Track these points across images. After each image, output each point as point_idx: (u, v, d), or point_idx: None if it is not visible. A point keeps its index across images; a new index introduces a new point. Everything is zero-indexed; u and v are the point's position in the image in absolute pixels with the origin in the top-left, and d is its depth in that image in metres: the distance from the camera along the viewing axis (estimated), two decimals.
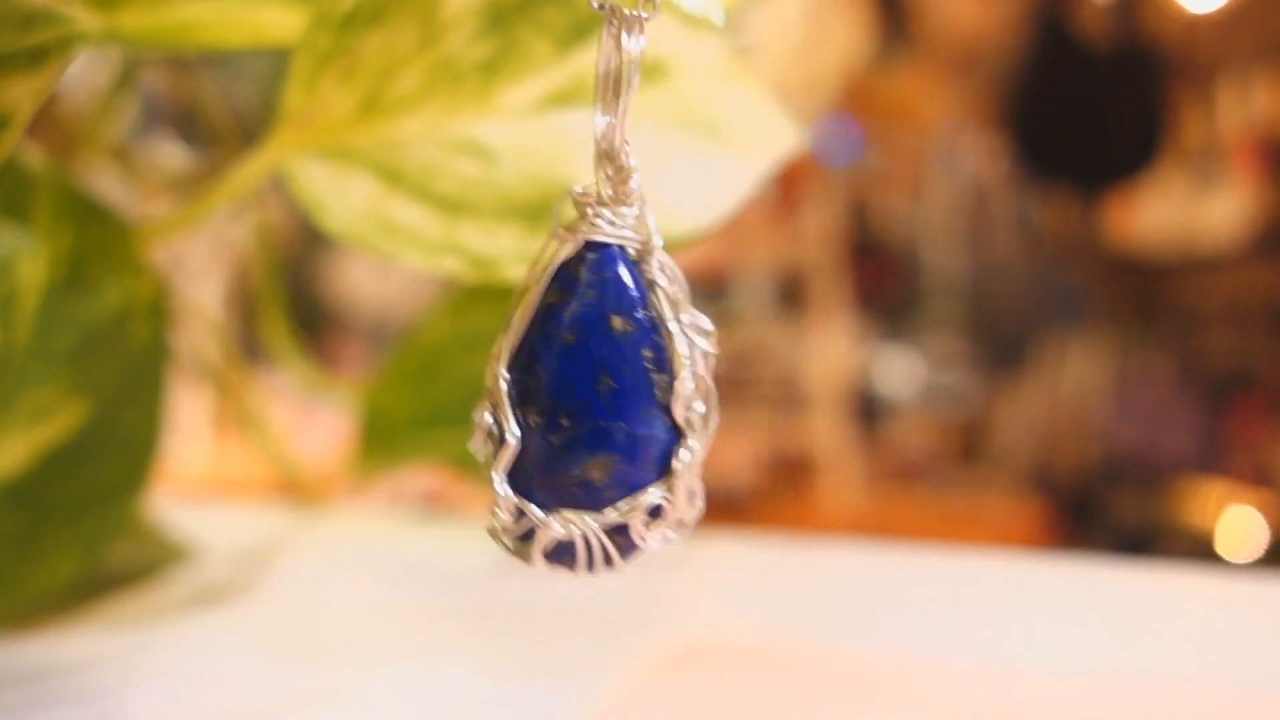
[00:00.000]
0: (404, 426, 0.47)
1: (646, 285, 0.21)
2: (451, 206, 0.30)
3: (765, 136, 0.31)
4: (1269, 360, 2.15)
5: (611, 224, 0.21)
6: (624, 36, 0.21)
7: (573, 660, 0.34)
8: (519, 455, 0.21)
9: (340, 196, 0.30)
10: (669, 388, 0.21)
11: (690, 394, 0.21)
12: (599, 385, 0.20)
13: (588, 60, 0.30)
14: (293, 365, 0.53)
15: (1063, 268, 2.53)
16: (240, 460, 1.19)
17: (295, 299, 0.58)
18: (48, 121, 0.46)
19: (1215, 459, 2.09)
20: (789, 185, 2.24)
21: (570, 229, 0.21)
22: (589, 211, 0.21)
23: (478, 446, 0.21)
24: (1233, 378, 2.20)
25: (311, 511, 0.55)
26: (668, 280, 0.22)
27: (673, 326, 0.21)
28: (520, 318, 0.21)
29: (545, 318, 0.21)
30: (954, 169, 2.61)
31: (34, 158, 0.31)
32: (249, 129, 0.51)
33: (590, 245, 0.21)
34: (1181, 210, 2.20)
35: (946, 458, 2.44)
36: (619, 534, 0.21)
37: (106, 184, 0.50)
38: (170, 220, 0.38)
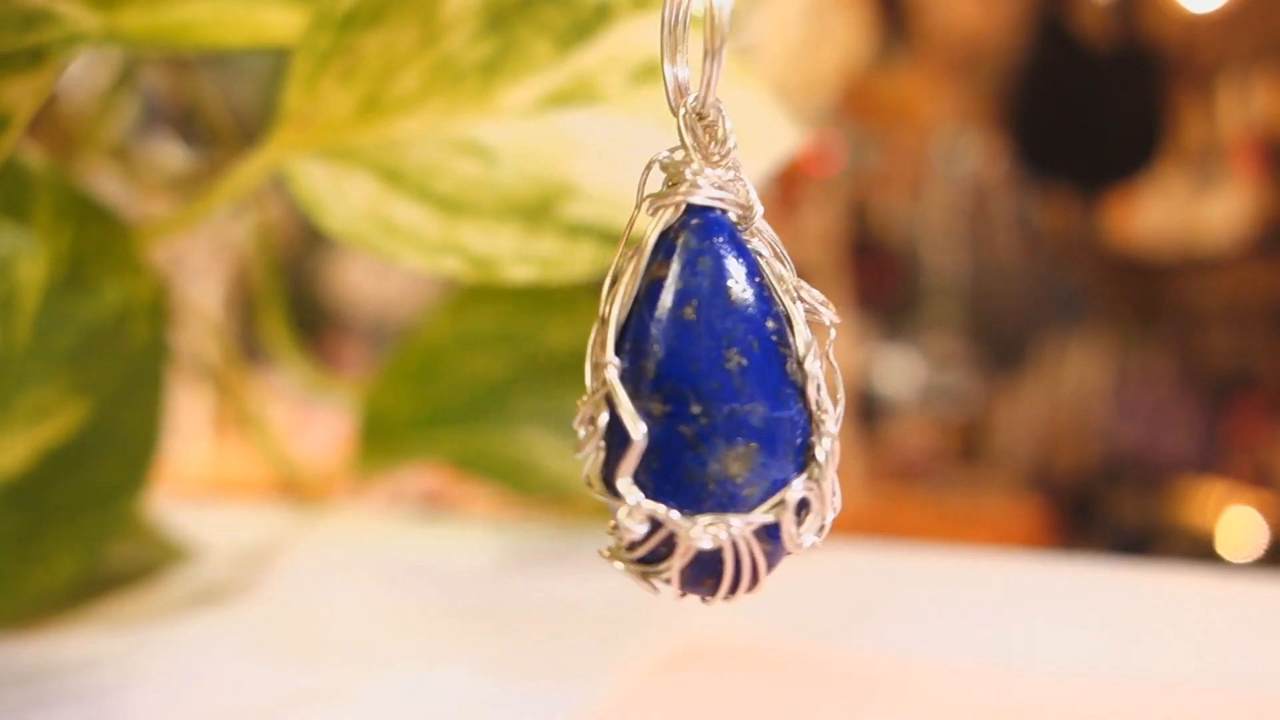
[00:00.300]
0: (404, 426, 0.47)
1: (750, 251, 0.19)
2: (451, 206, 0.30)
3: (765, 136, 0.31)
4: (1269, 360, 2.15)
5: (715, 186, 0.19)
6: None
7: (573, 660, 0.34)
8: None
9: (340, 196, 0.30)
10: (798, 365, 0.18)
11: (820, 372, 0.18)
12: (728, 363, 0.18)
13: (588, 60, 0.30)
14: (293, 365, 0.53)
15: (1063, 268, 2.53)
16: (240, 460, 1.19)
17: (295, 299, 0.58)
18: (48, 121, 0.46)
19: (1215, 459, 2.09)
20: (789, 185, 2.24)
21: (664, 196, 0.19)
22: (687, 174, 0.19)
23: (585, 453, 0.18)
24: (1233, 378, 2.20)
25: (311, 511, 0.55)
26: (770, 250, 0.19)
27: (788, 297, 0.19)
28: (624, 299, 0.18)
29: (654, 293, 0.18)
30: (954, 169, 2.61)
31: (34, 157, 0.31)
32: (249, 129, 0.51)
33: (691, 210, 0.19)
34: (1181, 210, 2.20)
35: (946, 458, 2.44)
36: (766, 538, 0.18)
37: (106, 184, 0.50)
38: (170, 220, 0.38)
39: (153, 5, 0.32)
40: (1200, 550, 1.78)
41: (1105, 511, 2.12)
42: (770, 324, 0.18)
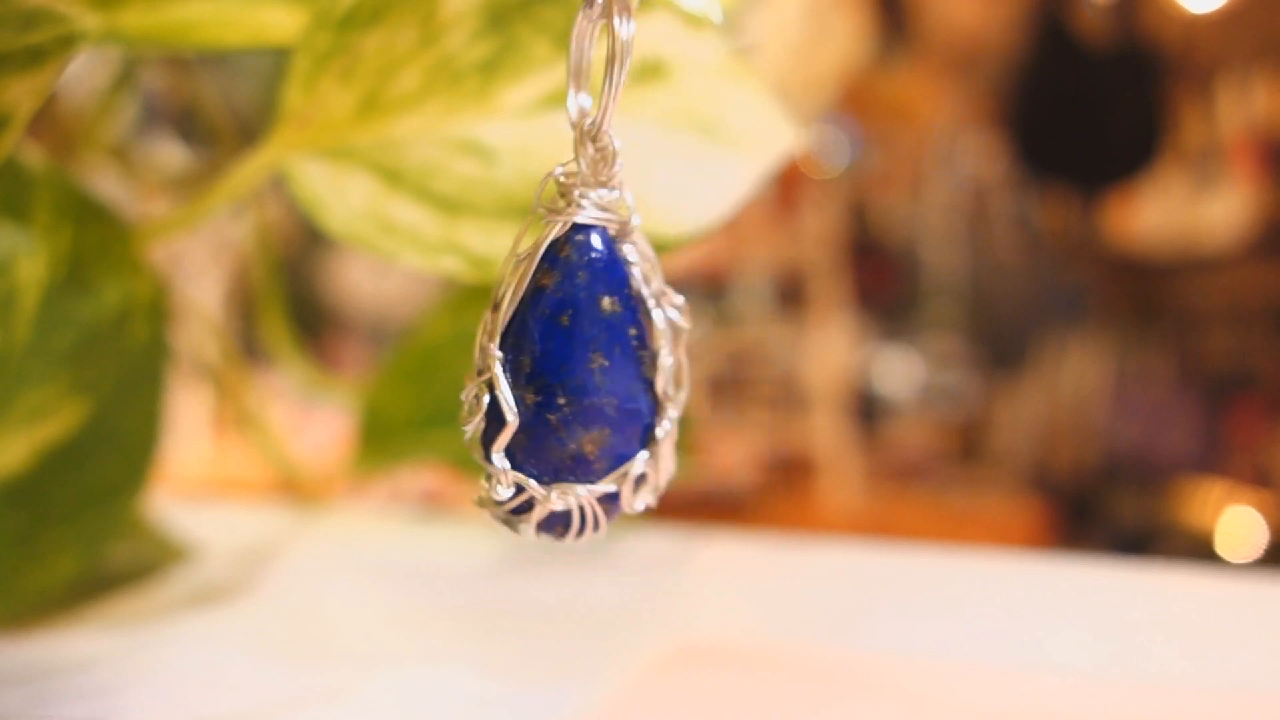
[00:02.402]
0: (403, 426, 0.47)
1: (625, 264, 0.22)
2: (451, 206, 0.30)
3: (765, 136, 0.31)
4: (1269, 360, 2.15)
5: (598, 206, 0.22)
6: (616, 20, 0.21)
7: (573, 660, 0.34)
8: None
9: (339, 196, 0.30)
10: (652, 363, 0.22)
11: (670, 368, 0.22)
12: (592, 364, 0.21)
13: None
14: (292, 365, 0.53)
15: (1062, 268, 2.53)
16: (240, 460, 1.19)
17: (295, 299, 0.58)
18: (47, 121, 0.46)
19: (1215, 459, 2.09)
20: (789, 185, 2.24)
21: (555, 210, 0.22)
22: (576, 194, 0.22)
23: (470, 424, 0.22)
24: (1233, 378, 2.20)
25: (311, 511, 0.55)
26: (639, 257, 0.22)
27: (651, 305, 0.22)
28: (511, 297, 0.22)
29: (537, 299, 0.21)
30: (954, 169, 2.61)
31: (33, 157, 0.31)
32: (248, 129, 0.51)
33: (577, 227, 0.22)
34: (1181, 210, 2.20)
35: (946, 458, 2.44)
36: (607, 501, 0.22)
37: (106, 183, 0.50)
38: (170, 220, 0.38)
39: (152, 5, 0.32)
40: (1200, 550, 1.79)
41: (1105, 511, 2.12)
42: (632, 330, 0.22)
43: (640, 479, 0.22)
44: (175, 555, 0.41)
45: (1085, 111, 2.10)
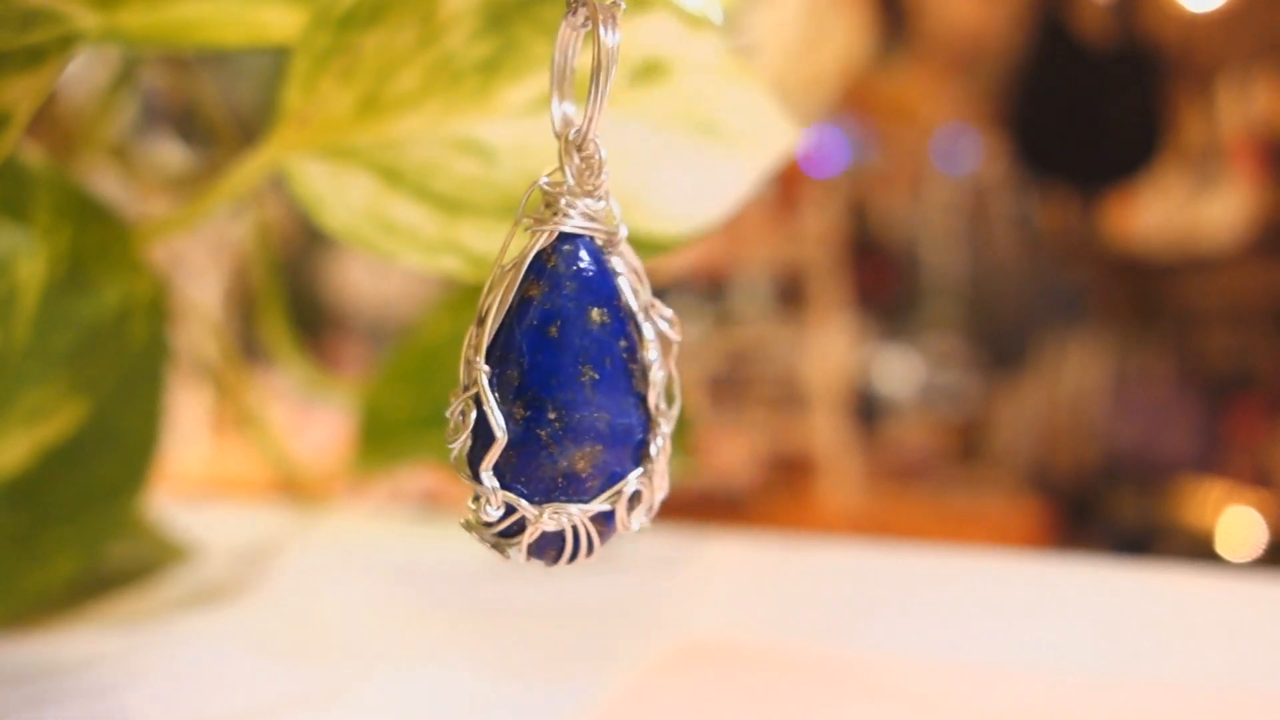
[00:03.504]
0: (403, 426, 0.47)
1: (613, 275, 0.22)
2: (450, 205, 0.30)
3: (764, 135, 0.31)
4: (1269, 360, 2.15)
5: (585, 216, 0.21)
6: (602, 29, 0.21)
7: (573, 660, 0.34)
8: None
9: (339, 195, 0.30)
10: (643, 377, 0.21)
11: (662, 381, 0.22)
12: (582, 377, 0.20)
13: (587, 59, 0.30)
14: (292, 365, 0.53)
15: (1062, 268, 2.53)
16: (239, 460, 1.19)
17: (295, 299, 0.58)
18: (47, 120, 0.46)
19: (1215, 459, 2.09)
20: (789, 185, 2.24)
21: (541, 220, 0.21)
22: (562, 203, 0.21)
23: (456, 441, 0.21)
24: (1233, 378, 2.20)
25: (311, 511, 0.55)
26: (628, 269, 0.22)
27: (641, 316, 0.22)
28: (498, 310, 0.21)
29: (524, 311, 0.21)
30: (954, 169, 2.61)
31: (33, 156, 0.31)
32: (248, 128, 0.51)
33: (563, 237, 0.21)
34: (1181, 210, 2.20)
35: (946, 457, 2.44)
36: (601, 521, 0.21)
37: (106, 183, 0.50)
38: (169, 219, 0.38)
39: (152, 4, 0.32)
40: (1200, 550, 1.79)
41: (1105, 511, 2.12)
42: (622, 343, 0.21)
43: (635, 497, 0.21)
44: (175, 555, 0.41)
45: (1085, 111, 2.10)
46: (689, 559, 0.46)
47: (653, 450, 0.22)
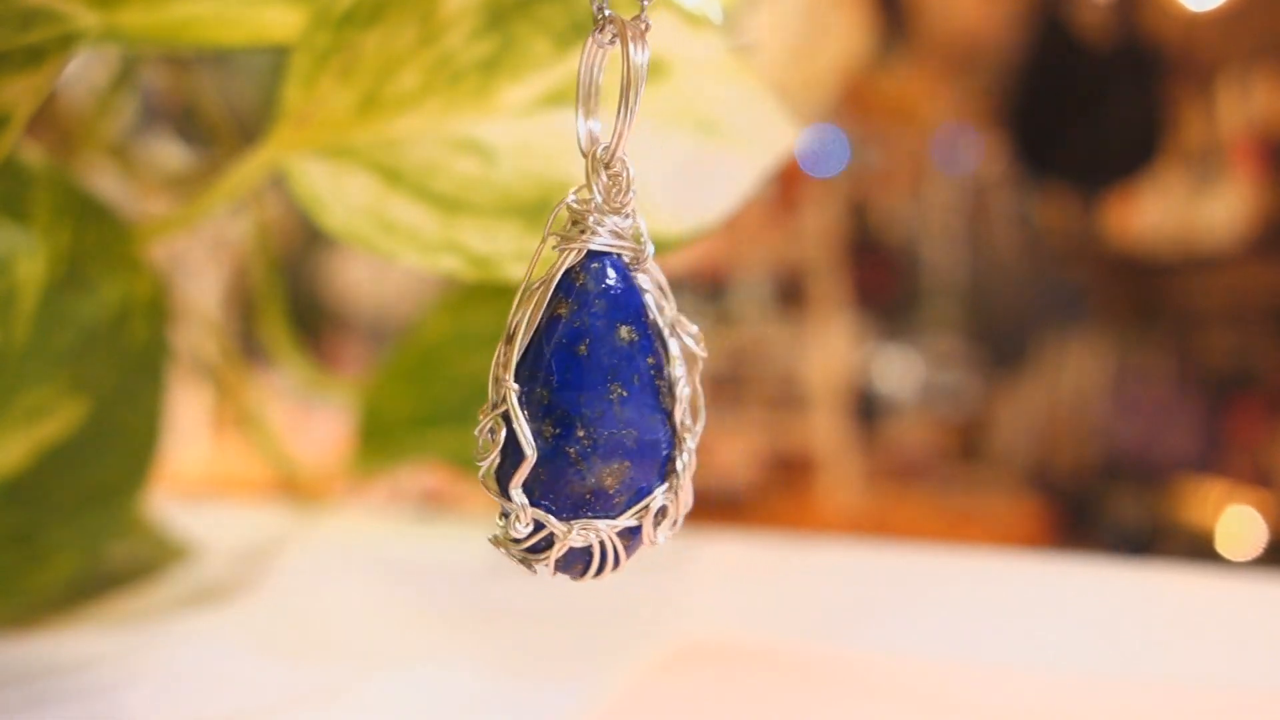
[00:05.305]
0: (403, 425, 0.47)
1: (641, 292, 0.22)
2: (450, 205, 0.29)
3: (764, 135, 0.31)
4: (1269, 360, 2.15)
5: (613, 234, 0.21)
6: (631, 46, 0.21)
7: (573, 660, 0.34)
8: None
9: (339, 195, 0.30)
10: (669, 393, 0.22)
11: (688, 398, 0.22)
12: (610, 395, 0.21)
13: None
14: (292, 364, 0.53)
15: (1062, 267, 2.53)
16: (239, 459, 1.19)
17: (294, 298, 0.58)
18: (47, 119, 0.46)
19: (1215, 459, 2.09)
20: (789, 185, 2.24)
21: (569, 238, 0.21)
22: (590, 221, 0.21)
23: (485, 460, 0.21)
24: (1233, 378, 2.20)
25: (311, 511, 0.55)
26: (655, 287, 0.22)
27: (667, 332, 0.22)
28: (526, 327, 0.21)
29: (553, 328, 0.21)
30: (954, 169, 2.61)
31: (33, 156, 0.31)
32: (248, 127, 0.51)
33: (591, 254, 0.21)
34: (1181, 210, 2.20)
35: (946, 457, 2.44)
36: (628, 536, 0.21)
37: (105, 182, 0.50)
38: (169, 219, 0.38)
39: (152, 3, 0.32)
40: (1200, 550, 1.78)
41: (1105, 511, 2.12)
42: (649, 360, 0.21)
43: (661, 512, 0.22)
44: (175, 555, 0.41)
45: (1085, 110, 2.09)
46: (689, 559, 0.46)
47: (679, 465, 0.22)
